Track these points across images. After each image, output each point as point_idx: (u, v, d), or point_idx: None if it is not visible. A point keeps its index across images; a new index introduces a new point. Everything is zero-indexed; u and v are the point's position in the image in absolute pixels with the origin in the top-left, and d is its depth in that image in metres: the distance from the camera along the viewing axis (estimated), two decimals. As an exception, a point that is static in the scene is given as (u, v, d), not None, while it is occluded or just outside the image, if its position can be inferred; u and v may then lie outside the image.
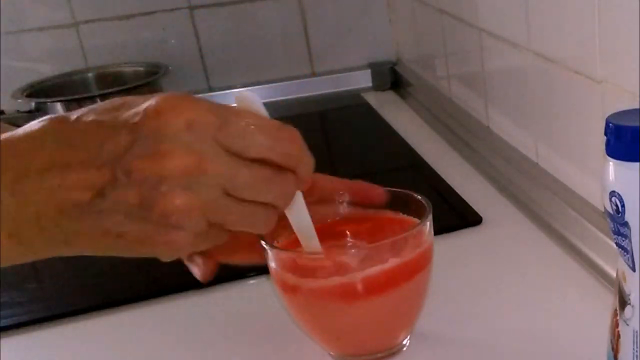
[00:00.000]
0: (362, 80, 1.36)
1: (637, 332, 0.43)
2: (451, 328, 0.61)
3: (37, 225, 0.40)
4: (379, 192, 0.57)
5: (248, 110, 0.44)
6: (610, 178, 0.41)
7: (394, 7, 1.34)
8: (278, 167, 0.43)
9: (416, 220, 0.57)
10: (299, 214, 0.50)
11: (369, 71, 1.36)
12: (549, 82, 0.75)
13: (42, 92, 1.19)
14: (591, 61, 0.65)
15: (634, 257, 0.42)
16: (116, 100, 0.42)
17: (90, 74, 1.28)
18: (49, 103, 1.14)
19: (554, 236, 0.73)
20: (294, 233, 0.52)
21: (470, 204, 0.81)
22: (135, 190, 0.39)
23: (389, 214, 0.59)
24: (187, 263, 0.52)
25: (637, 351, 0.43)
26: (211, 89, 1.36)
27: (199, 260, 0.51)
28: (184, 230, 0.40)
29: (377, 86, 1.36)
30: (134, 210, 0.40)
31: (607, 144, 0.41)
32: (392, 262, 0.52)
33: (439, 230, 0.77)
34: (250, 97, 0.45)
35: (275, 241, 0.55)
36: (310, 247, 0.52)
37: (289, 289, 0.53)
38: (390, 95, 1.33)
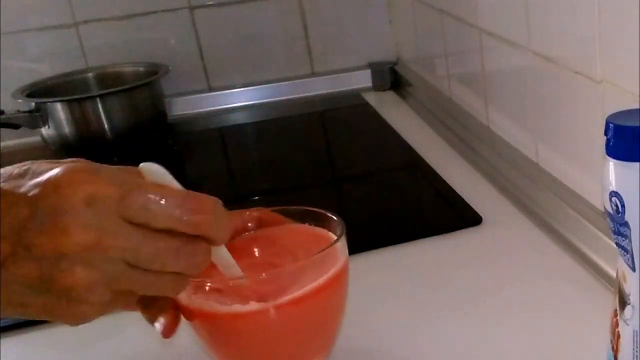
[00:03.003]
0: (362, 80, 1.36)
1: (637, 332, 0.43)
2: (451, 328, 0.61)
3: None
4: (278, 217, 0.57)
5: (153, 181, 0.43)
6: (610, 178, 0.41)
7: (394, 7, 1.34)
8: (187, 236, 0.42)
9: (330, 233, 0.55)
10: (221, 259, 0.48)
11: (368, 71, 1.36)
12: (549, 82, 0.75)
13: (42, 92, 1.19)
14: (591, 61, 0.65)
15: (634, 257, 0.42)
16: (21, 166, 0.42)
17: (90, 74, 1.28)
18: (49, 103, 1.14)
19: (554, 236, 0.73)
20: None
21: (470, 204, 0.81)
22: (35, 264, 0.39)
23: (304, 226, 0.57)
24: (148, 321, 0.52)
25: (637, 351, 0.43)
26: (211, 89, 1.36)
27: (161, 319, 0.51)
28: (87, 304, 0.40)
29: (377, 86, 1.36)
30: (35, 284, 0.39)
31: (607, 144, 0.41)
32: (308, 283, 0.50)
33: (439, 230, 0.78)
34: (156, 170, 0.43)
35: None
36: (232, 274, 0.50)
37: (200, 316, 0.51)
38: (390, 95, 1.33)
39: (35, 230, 0.39)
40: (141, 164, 0.44)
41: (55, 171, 0.40)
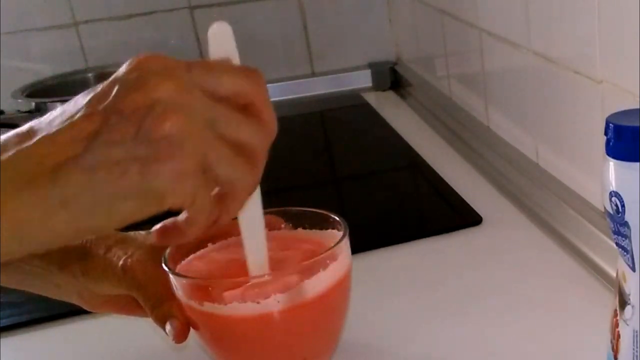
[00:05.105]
0: (362, 80, 1.36)
1: (637, 332, 0.43)
2: (451, 328, 0.61)
3: (30, 185, 0.38)
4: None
5: (215, 52, 0.46)
6: (610, 178, 0.41)
7: (394, 7, 1.34)
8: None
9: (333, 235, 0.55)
10: (252, 214, 0.48)
11: (369, 71, 1.36)
12: (549, 83, 0.75)
13: (42, 92, 1.19)
14: (591, 61, 0.65)
15: (634, 257, 0.42)
16: None
17: (90, 74, 1.28)
18: (49, 103, 1.13)
19: (554, 236, 0.73)
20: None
21: (470, 204, 0.81)
22: (130, 121, 0.39)
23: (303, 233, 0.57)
24: (160, 325, 0.52)
25: (637, 351, 0.43)
26: (211, 89, 1.36)
27: (172, 322, 0.52)
28: (184, 149, 0.40)
29: (377, 86, 1.36)
30: (132, 140, 0.39)
31: (607, 144, 0.41)
32: (311, 285, 0.50)
33: (439, 230, 0.78)
34: (226, 33, 0.46)
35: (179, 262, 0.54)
36: (255, 261, 0.50)
37: (203, 317, 0.51)
38: (390, 95, 1.33)
39: (122, 95, 0.40)
40: (215, 23, 0.46)
41: (125, 64, 0.42)
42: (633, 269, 0.42)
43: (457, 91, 1.07)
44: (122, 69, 0.42)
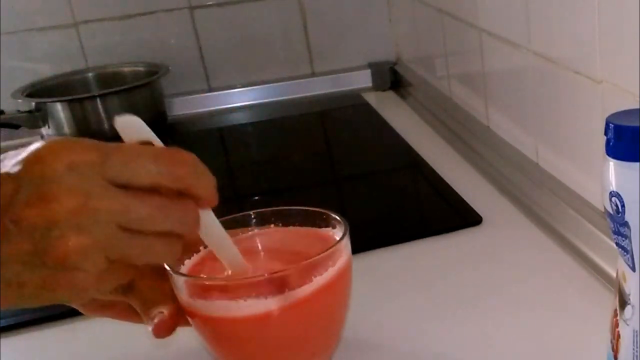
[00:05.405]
0: (362, 80, 1.36)
1: (637, 332, 0.43)
2: (451, 328, 0.61)
3: None
4: None
5: (131, 141, 0.43)
6: (610, 178, 0.41)
7: (394, 7, 1.34)
8: (174, 194, 0.42)
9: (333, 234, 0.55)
10: (213, 234, 0.48)
11: (368, 71, 1.36)
12: (549, 82, 0.75)
13: (42, 92, 1.19)
14: (591, 61, 0.65)
15: (634, 257, 0.42)
16: None
17: (90, 74, 1.28)
18: (49, 103, 1.14)
19: (554, 236, 0.73)
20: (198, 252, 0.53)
21: (470, 204, 0.81)
22: (27, 238, 0.38)
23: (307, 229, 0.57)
24: (146, 321, 0.52)
25: (637, 351, 0.43)
26: (211, 89, 1.36)
27: (159, 316, 0.51)
28: (83, 272, 0.39)
29: (377, 86, 1.36)
30: (29, 259, 0.39)
31: (607, 144, 0.41)
32: (312, 283, 0.50)
33: (439, 230, 0.78)
34: (132, 122, 0.44)
35: (180, 264, 0.54)
36: (234, 265, 0.50)
37: (202, 314, 0.51)
38: (390, 95, 1.33)
39: (22, 203, 0.39)
40: (116, 117, 0.43)
41: (34, 146, 0.40)
42: (633, 269, 0.42)
43: (457, 91, 1.07)
44: (27, 155, 0.39)
